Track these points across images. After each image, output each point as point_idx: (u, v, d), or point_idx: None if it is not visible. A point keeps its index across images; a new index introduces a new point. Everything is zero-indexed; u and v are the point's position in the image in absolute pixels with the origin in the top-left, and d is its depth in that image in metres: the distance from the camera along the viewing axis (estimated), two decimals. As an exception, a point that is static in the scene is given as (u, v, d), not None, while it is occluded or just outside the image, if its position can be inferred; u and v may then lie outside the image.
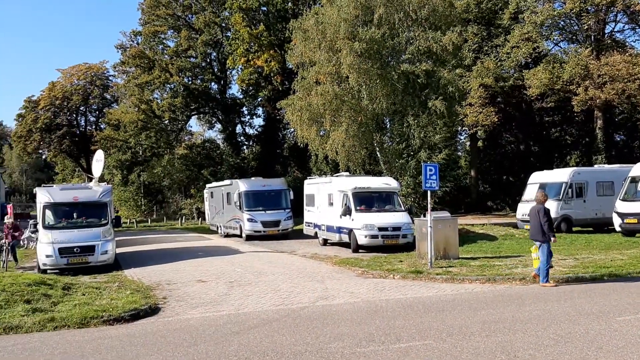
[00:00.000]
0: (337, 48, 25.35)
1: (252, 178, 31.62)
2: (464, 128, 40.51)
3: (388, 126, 29.06)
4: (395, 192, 22.16)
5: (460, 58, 28.86)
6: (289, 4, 44.73)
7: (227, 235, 30.51)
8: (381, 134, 27.78)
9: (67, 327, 9.68)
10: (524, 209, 24.56)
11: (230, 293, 12.76)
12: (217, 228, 33.11)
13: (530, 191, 25.36)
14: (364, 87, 25.64)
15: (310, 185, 26.12)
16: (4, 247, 18.27)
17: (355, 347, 7.92)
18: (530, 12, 34.01)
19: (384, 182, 22.55)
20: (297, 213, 29.05)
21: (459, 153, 46.97)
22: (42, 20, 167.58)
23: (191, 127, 73.77)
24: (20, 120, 63.79)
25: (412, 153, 25.57)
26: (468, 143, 47.61)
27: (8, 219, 19.66)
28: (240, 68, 47.23)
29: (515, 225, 26.00)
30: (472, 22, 36.58)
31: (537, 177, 26.70)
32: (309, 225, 26.03)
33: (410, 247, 19.54)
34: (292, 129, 37.33)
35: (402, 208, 21.72)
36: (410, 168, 25.35)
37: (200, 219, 47.91)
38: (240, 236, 28.42)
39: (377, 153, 27.49)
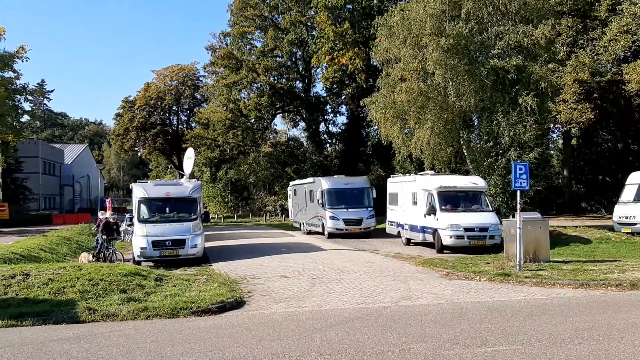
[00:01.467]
0: (423, 44, 24.88)
1: (335, 176, 31.73)
2: (556, 125, 38.63)
3: (476, 123, 28.17)
4: (482, 192, 21.51)
5: (553, 52, 27.50)
6: (374, 1, 44.51)
7: (310, 233, 30.82)
8: (468, 132, 27.01)
9: (158, 316, 10.11)
10: (621, 211, 23.09)
11: (312, 290, 12.85)
12: (300, 225, 33.52)
13: (629, 192, 23.77)
14: (450, 83, 25.01)
15: (394, 184, 25.86)
16: (100, 243, 18.92)
17: (439, 350, 7.74)
18: (630, 3, 31.90)
19: (471, 181, 21.92)
20: (380, 212, 28.87)
21: (551, 151, 44.90)
22: (139, 25, 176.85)
23: (276, 125, 75.16)
24: (118, 119, 67.71)
25: (500, 151, 24.66)
26: (561, 141, 45.42)
27: (104, 215, 20.42)
28: (325, 66, 47.51)
29: (611, 228, 24.45)
30: (566, 15, 34.73)
31: (637, 178, 24.99)
32: (391, 224, 25.79)
33: (497, 248, 18.92)
34: (376, 127, 37.05)
35: (490, 208, 21.05)
36: (499, 167, 24.49)
37: (283, 215, 48.74)
38: (322, 234, 28.63)
39: (464, 151, 26.76)
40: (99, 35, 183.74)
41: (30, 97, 48.14)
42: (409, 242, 23.42)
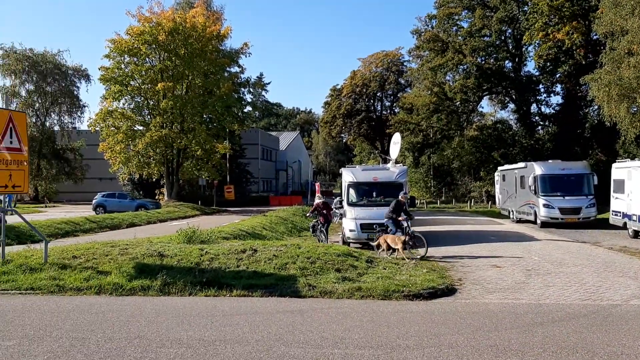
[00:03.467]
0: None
1: (550, 161, 29.54)
2: None
3: None
4: None
5: None
6: (596, -32, 40.27)
7: (519, 221, 29.24)
8: None
9: (371, 297, 10.41)
10: None
11: (528, 281, 12.15)
12: (509, 213, 31.99)
13: None
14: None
15: (620, 170, 23.21)
16: (318, 226, 19.80)
17: (689, 360, 6.76)
18: None
19: None
20: (601, 200, 26.24)
21: None
22: (345, 16, 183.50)
23: (482, 108, 72.45)
24: (326, 107, 71.26)
25: None
26: None
27: (320, 199, 21.22)
28: (538, 43, 44.43)
29: None
30: None
31: None
32: (616, 215, 23.24)
33: None
34: (597, 107, 33.68)
35: None
36: None
37: (489, 202, 46.98)
38: (534, 222, 26.96)
39: None
40: (309, 28, 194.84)
41: (251, 90, 52.97)
42: (637, 234, 20.93)
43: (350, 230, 19.02)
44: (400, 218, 16.71)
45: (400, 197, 17.40)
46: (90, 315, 9.08)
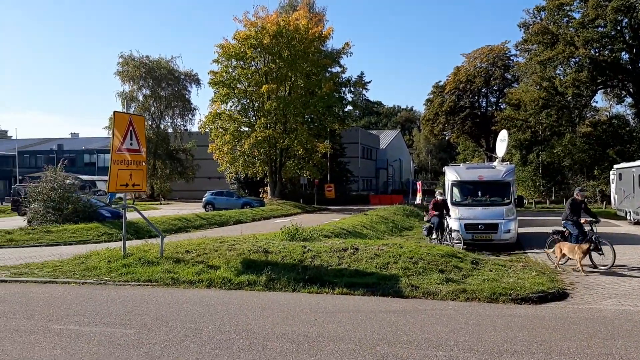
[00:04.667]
0: None
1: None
2: None
3: None
4: None
5: None
6: None
7: (638, 223, 27.20)
8: None
9: (477, 300, 10.14)
10: None
11: (649, 288, 11.30)
12: (625, 214, 29.84)
13: None
14: None
15: None
16: (434, 226, 18.30)
17: None
18: None
19: None
20: None
21: None
22: (447, 11, 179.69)
23: (596, 102, 68.15)
24: (428, 104, 70.04)
25: None
26: None
27: (441, 196, 18.94)
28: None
29: None
30: None
31: None
32: None
33: None
34: None
35: None
36: None
37: (604, 202, 44.08)
38: (656, 224, 24.99)
39: None
40: (410, 26, 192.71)
41: (352, 89, 53.24)
42: None
43: (454, 231, 18.58)
44: (582, 220, 14.62)
45: (575, 194, 15.14)
46: (202, 307, 9.58)
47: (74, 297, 10.54)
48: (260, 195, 49.30)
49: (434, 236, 18.34)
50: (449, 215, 18.41)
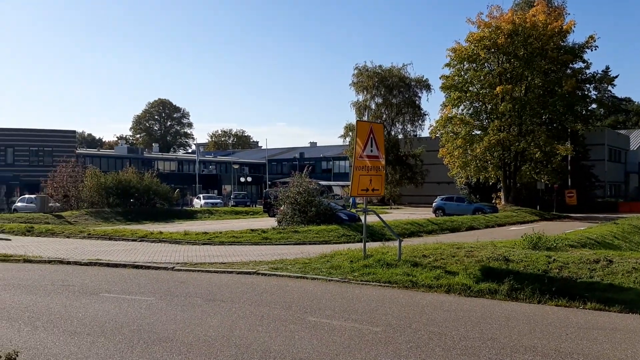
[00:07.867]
0: None
1: None
2: None
3: None
4: None
5: None
6: None
7: None
8: None
9: None
10: None
11: None
12: None
13: None
14: None
15: None
16: None
17: None
18: None
19: None
20: None
21: None
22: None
23: None
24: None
25: None
26: None
27: None
28: None
29: None
30: None
31: None
32: None
33: None
34: None
35: None
36: None
37: None
38: None
39: None
40: None
41: (597, 86, 48.53)
42: None
43: None
44: None
45: None
46: (443, 312, 9.59)
47: (323, 292, 11.39)
48: (493, 201, 47.61)
49: None
50: None
